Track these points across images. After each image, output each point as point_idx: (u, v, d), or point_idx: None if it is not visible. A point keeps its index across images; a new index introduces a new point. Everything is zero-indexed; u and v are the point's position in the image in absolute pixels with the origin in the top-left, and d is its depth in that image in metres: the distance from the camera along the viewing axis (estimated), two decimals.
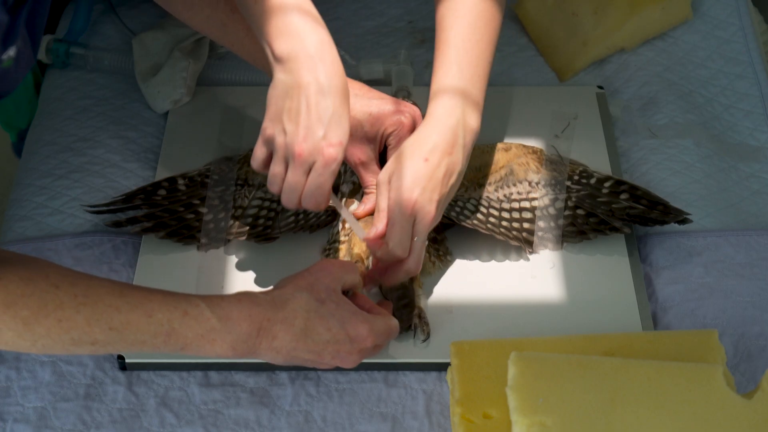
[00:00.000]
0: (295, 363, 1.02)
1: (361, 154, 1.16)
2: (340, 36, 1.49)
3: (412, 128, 1.16)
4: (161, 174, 1.27)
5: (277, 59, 1.00)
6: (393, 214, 1.07)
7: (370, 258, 1.14)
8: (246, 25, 1.14)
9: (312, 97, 0.98)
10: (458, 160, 1.09)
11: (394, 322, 1.07)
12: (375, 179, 1.17)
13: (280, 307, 1.00)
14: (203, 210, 1.21)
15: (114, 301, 0.92)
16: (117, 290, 0.94)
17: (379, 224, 1.09)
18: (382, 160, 1.19)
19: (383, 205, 1.09)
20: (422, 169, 1.07)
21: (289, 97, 0.99)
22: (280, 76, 1.00)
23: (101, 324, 0.91)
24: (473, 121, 1.12)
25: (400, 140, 1.15)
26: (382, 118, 1.15)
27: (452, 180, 1.09)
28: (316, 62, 0.98)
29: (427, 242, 1.10)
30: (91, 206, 1.23)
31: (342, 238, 1.18)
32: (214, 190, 1.23)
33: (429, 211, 1.07)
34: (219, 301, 0.98)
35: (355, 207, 1.19)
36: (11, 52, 0.83)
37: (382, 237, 1.09)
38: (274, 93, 1.00)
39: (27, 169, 1.32)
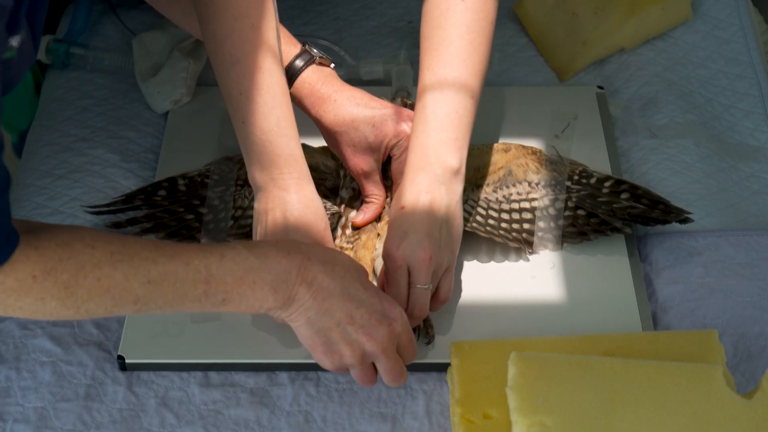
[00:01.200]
0: (321, 328, 0.99)
1: (364, 164, 1.17)
2: (340, 36, 1.49)
3: None
4: (161, 174, 1.27)
5: (253, 186, 1.11)
6: (386, 267, 1.08)
7: (376, 263, 1.14)
8: None
9: (271, 226, 1.08)
10: (441, 195, 1.07)
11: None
12: (376, 189, 1.18)
13: (320, 251, 1.00)
14: (203, 210, 1.22)
15: (150, 254, 0.92)
16: (152, 245, 0.94)
17: None
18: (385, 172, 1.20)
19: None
20: (399, 217, 1.07)
21: (259, 223, 1.09)
22: (254, 204, 1.11)
23: (139, 277, 0.91)
24: (452, 159, 1.09)
25: (404, 151, 1.15)
26: (385, 128, 1.15)
27: (442, 213, 1.07)
28: (281, 197, 1.08)
29: (429, 287, 1.06)
30: (90, 207, 1.23)
31: (344, 245, 1.18)
32: (214, 191, 1.23)
33: (420, 256, 1.05)
34: (256, 243, 0.99)
35: (354, 215, 1.19)
36: (14, 41, 0.83)
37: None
38: (253, 219, 1.11)
39: (27, 169, 1.32)
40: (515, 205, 1.20)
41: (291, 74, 1.18)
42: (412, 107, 1.25)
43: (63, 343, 1.13)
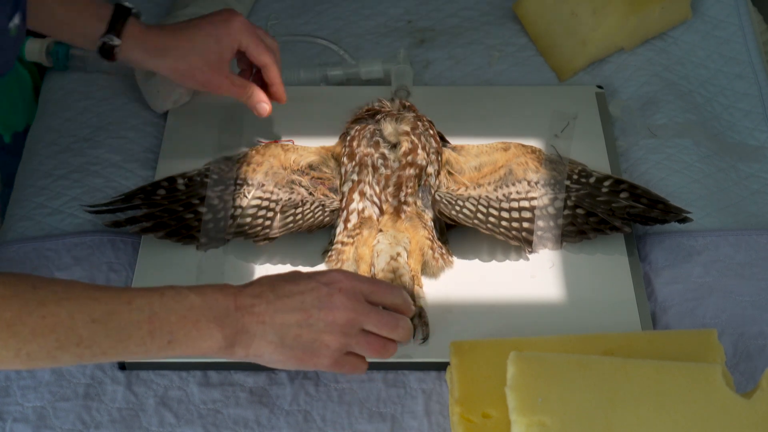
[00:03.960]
0: (291, 341, 0.98)
1: (217, 74, 1.25)
2: (340, 36, 1.49)
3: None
4: (161, 174, 1.27)
5: None
6: None
7: (378, 259, 1.14)
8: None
9: None
10: None
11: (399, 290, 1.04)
12: (237, 81, 1.26)
13: (243, 286, 0.99)
14: (202, 210, 1.22)
15: (94, 293, 0.92)
16: (95, 286, 0.94)
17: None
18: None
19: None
20: None
21: None
22: None
23: (84, 316, 0.91)
24: None
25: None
26: (225, 33, 1.23)
27: None
28: None
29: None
30: (90, 206, 1.23)
31: (345, 240, 1.17)
32: (213, 190, 1.23)
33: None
34: (195, 285, 0.98)
35: (352, 206, 1.19)
36: (17, 19, 0.83)
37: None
38: None
39: (27, 169, 1.32)
40: (515, 204, 1.21)
41: (110, 48, 1.22)
42: (411, 108, 1.25)
43: None
